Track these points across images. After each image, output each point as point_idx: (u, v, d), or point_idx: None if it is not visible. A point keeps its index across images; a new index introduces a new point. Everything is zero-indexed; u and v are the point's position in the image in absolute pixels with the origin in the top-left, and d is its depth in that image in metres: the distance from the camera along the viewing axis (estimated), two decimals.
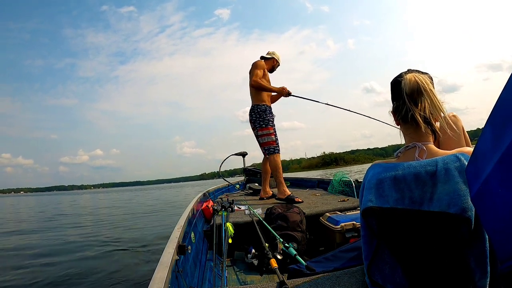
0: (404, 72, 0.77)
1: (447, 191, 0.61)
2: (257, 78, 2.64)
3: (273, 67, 2.92)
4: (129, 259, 2.99)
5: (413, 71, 0.76)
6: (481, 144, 0.42)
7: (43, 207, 13.76)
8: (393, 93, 0.79)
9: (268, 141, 2.67)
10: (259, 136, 2.70)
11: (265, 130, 2.68)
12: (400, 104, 0.75)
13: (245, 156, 4.35)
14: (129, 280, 2.32)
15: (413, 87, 0.71)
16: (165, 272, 0.80)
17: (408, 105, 0.71)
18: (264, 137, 2.68)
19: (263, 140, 2.69)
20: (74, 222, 6.75)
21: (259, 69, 2.69)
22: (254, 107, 2.74)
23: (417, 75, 0.73)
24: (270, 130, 2.68)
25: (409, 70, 0.78)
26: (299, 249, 1.34)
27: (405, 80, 0.73)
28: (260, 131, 2.69)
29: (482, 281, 0.60)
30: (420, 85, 0.71)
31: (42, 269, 2.81)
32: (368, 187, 0.73)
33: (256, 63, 2.74)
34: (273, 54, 2.90)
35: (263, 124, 2.68)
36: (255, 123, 2.71)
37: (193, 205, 1.86)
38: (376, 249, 0.73)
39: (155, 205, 9.94)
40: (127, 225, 5.55)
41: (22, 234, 5.22)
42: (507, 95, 0.36)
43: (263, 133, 2.68)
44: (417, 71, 0.77)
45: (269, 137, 2.67)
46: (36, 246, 4.02)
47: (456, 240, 0.60)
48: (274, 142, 2.68)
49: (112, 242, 3.88)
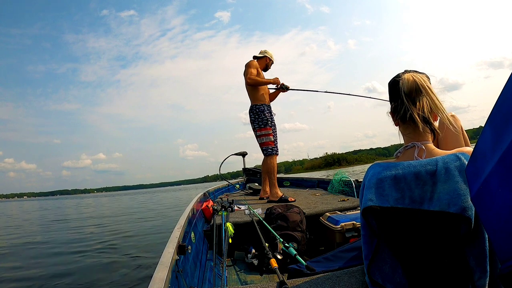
0: (401, 72, 0.77)
1: (447, 190, 0.61)
2: (252, 75, 2.66)
3: (267, 65, 2.93)
4: (131, 260, 2.99)
5: (410, 71, 0.77)
6: (481, 144, 0.42)
7: (47, 211, 13.68)
8: (391, 94, 0.79)
9: (267, 142, 2.68)
10: (258, 136, 2.72)
11: (264, 131, 2.69)
12: (398, 104, 0.75)
13: (245, 156, 4.35)
14: (129, 280, 2.32)
15: (411, 86, 0.72)
16: (165, 272, 0.80)
17: (406, 104, 0.72)
18: (263, 137, 2.69)
19: (261, 141, 2.70)
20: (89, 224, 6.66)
21: (252, 68, 2.71)
22: (252, 107, 2.75)
23: (414, 74, 0.73)
24: (268, 131, 2.69)
25: (406, 71, 0.78)
26: (299, 249, 1.34)
27: (403, 80, 0.73)
28: (259, 131, 2.70)
29: (481, 280, 0.60)
30: (418, 83, 0.71)
31: (42, 268, 2.81)
32: (368, 186, 0.73)
33: (249, 63, 2.77)
34: (265, 53, 2.91)
35: (262, 125, 2.69)
36: (254, 123, 2.73)
37: (193, 205, 1.86)
38: (376, 248, 0.73)
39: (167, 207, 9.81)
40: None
41: (22, 236, 5.23)
42: (506, 95, 0.36)
43: (262, 133, 2.69)
44: (415, 71, 0.77)
45: (268, 138, 2.68)
46: (39, 244, 4.02)
47: (456, 239, 0.61)
48: (272, 142, 2.69)
49: (116, 242, 3.89)
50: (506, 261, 0.36)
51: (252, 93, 2.76)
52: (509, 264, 0.35)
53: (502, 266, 0.37)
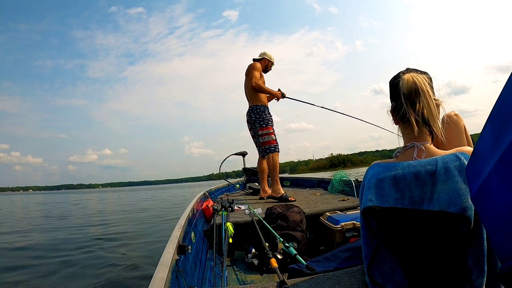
0: (402, 71, 0.77)
1: (446, 190, 0.61)
2: (257, 80, 2.74)
3: (266, 67, 2.98)
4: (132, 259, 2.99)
5: (412, 70, 0.76)
6: (481, 144, 0.42)
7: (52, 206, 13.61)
8: (392, 93, 0.79)
9: (269, 140, 2.74)
10: (260, 135, 2.77)
11: (265, 130, 2.75)
12: (398, 104, 0.74)
13: (245, 156, 4.35)
14: (129, 280, 2.32)
15: (411, 87, 0.71)
16: (165, 272, 0.80)
17: (405, 106, 0.71)
18: (265, 136, 2.75)
19: (263, 140, 2.76)
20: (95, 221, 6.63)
21: (256, 71, 2.76)
22: (253, 108, 2.80)
23: (415, 75, 0.72)
24: (270, 130, 2.75)
25: (408, 69, 0.77)
26: (299, 249, 1.34)
27: (403, 81, 0.72)
28: (261, 131, 2.76)
29: (479, 280, 0.60)
30: (418, 85, 0.70)
31: (42, 267, 2.81)
32: (368, 186, 0.73)
33: (252, 65, 2.82)
34: (264, 55, 2.96)
35: (263, 124, 2.74)
36: (255, 123, 2.77)
37: (193, 205, 1.86)
38: (376, 248, 0.73)
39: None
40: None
41: (23, 233, 5.22)
42: (506, 95, 0.36)
43: (264, 132, 2.75)
44: (416, 70, 0.76)
45: (270, 136, 2.75)
46: (36, 243, 4.02)
47: (455, 239, 0.61)
48: (274, 141, 2.75)
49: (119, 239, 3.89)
50: (506, 261, 0.36)
51: (253, 94, 2.81)
52: (509, 264, 0.35)
53: (502, 266, 0.37)
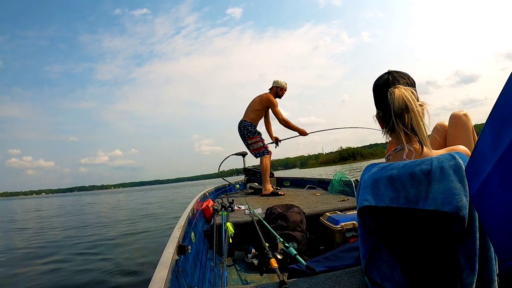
0: (387, 76, 0.77)
1: (441, 189, 0.61)
2: (282, 116, 3.25)
3: (277, 93, 3.32)
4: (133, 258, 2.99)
5: (395, 78, 0.76)
6: (481, 143, 0.42)
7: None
8: (377, 101, 0.80)
9: (258, 147, 3.27)
10: (250, 144, 3.29)
11: (253, 139, 3.27)
12: (386, 116, 0.76)
13: (245, 156, 4.35)
14: (129, 280, 2.32)
15: (401, 105, 0.71)
16: (165, 272, 0.80)
17: (394, 122, 0.73)
18: (254, 144, 3.28)
19: (253, 147, 3.30)
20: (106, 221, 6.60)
21: (276, 106, 3.22)
22: (241, 122, 3.30)
23: (404, 91, 0.72)
24: (257, 138, 3.27)
25: (389, 73, 0.78)
26: (299, 249, 1.34)
27: (392, 96, 0.72)
28: (250, 140, 3.29)
29: (470, 278, 0.61)
30: (407, 104, 0.71)
31: (43, 267, 2.81)
32: (364, 186, 0.73)
33: (269, 99, 3.23)
34: (275, 83, 3.31)
35: (250, 135, 3.26)
36: (244, 135, 3.28)
37: (193, 205, 1.86)
38: (373, 247, 0.74)
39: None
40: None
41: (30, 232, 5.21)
42: (506, 95, 0.36)
43: (252, 141, 3.28)
44: (400, 75, 0.77)
45: (258, 144, 3.27)
46: (37, 243, 4.02)
47: (449, 237, 0.61)
48: (262, 147, 3.27)
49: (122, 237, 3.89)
50: (506, 260, 0.36)
51: (254, 112, 3.27)
52: (509, 264, 0.35)
53: (502, 266, 0.37)
